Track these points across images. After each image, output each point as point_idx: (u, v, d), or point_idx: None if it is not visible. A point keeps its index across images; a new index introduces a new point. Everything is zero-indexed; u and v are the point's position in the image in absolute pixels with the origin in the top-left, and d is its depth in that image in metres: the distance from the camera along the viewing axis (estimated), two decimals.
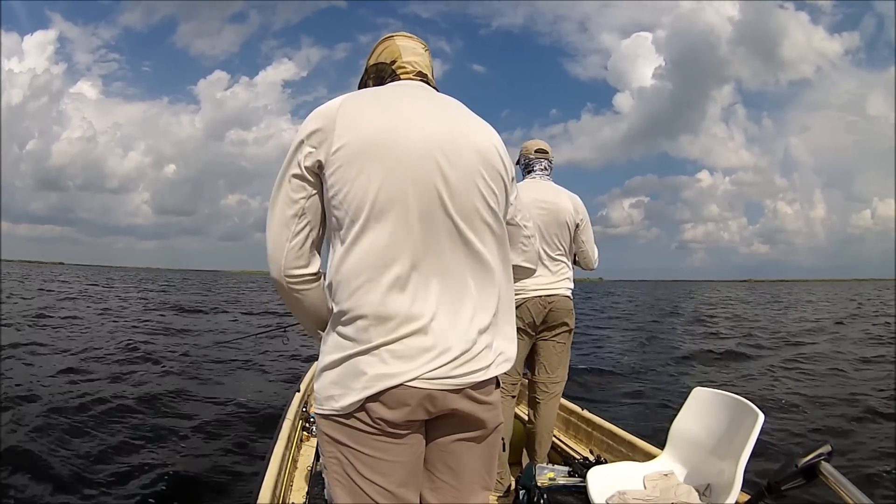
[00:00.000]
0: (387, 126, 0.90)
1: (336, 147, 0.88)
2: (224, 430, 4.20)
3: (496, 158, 0.97)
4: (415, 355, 0.86)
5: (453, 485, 0.97)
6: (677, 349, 9.80)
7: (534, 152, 2.33)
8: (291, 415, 2.43)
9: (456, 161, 0.91)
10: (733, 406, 1.66)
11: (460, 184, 0.91)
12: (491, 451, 1.00)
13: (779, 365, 7.98)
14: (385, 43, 1.08)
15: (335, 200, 0.89)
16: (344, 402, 0.87)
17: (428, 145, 0.90)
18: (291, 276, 0.95)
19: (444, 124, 0.94)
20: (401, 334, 0.86)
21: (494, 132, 1.01)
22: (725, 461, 1.53)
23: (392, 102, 0.95)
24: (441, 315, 0.88)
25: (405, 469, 0.92)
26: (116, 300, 19.26)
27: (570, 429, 2.73)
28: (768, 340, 11.03)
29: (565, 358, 2.34)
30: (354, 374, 0.87)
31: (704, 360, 8.48)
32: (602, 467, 1.88)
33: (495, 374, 0.95)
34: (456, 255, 0.91)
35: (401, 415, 0.87)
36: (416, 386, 0.86)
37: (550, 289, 2.23)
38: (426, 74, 1.06)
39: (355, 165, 0.87)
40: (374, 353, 0.86)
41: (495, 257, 0.96)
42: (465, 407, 0.91)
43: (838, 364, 7.92)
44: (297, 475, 2.11)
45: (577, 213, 2.30)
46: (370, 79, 1.08)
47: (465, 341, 0.89)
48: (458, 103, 1.02)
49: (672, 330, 14.09)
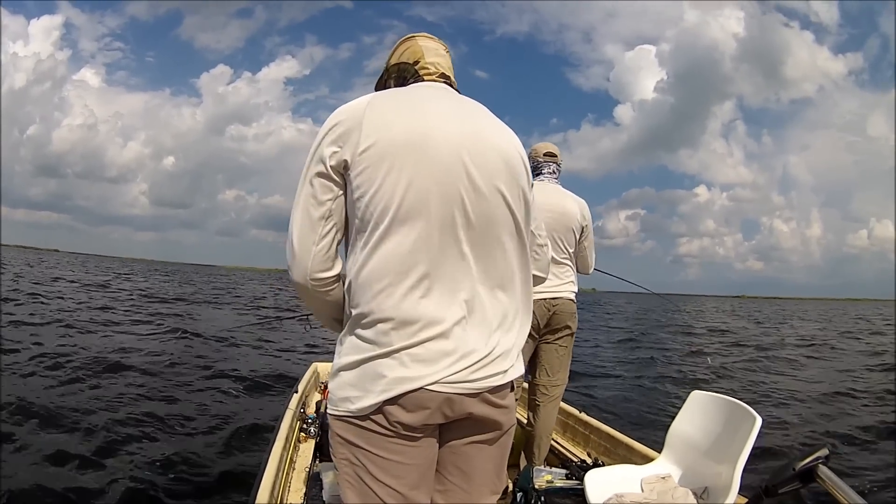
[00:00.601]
0: (414, 128, 0.89)
1: (363, 147, 0.86)
2: (221, 431, 4.18)
3: (518, 162, 0.97)
4: (436, 359, 0.85)
5: (463, 487, 0.96)
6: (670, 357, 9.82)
7: (543, 155, 2.33)
8: (289, 415, 2.43)
9: (481, 164, 0.90)
10: (731, 409, 1.66)
11: (485, 188, 0.90)
12: (502, 454, 1.00)
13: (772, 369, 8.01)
14: (407, 43, 1.07)
15: (360, 202, 0.87)
16: (361, 403, 0.86)
17: (454, 148, 0.89)
18: (317, 280, 0.93)
19: (469, 127, 0.93)
20: (422, 338, 0.85)
21: (515, 136, 1.01)
22: (723, 464, 1.54)
23: (418, 104, 0.94)
24: (463, 320, 0.88)
25: (418, 472, 0.91)
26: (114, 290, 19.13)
27: (567, 432, 2.73)
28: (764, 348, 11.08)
29: (566, 361, 2.35)
30: (373, 377, 0.86)
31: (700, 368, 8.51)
32: (599, 470, 1.88)
33: (512, 378, 0.94)
34: (479, 260, 0.90)
35: (419, 418, 0.87)
36: (435, 390, 0.85)
37: (555, 292, 2.24)
38: (448, 76, 1.05)
39: (383, 166, 0.86)
40: (394, 357, 0.85)
41: (517, 262, 0.96)
42: (481, 411, 0.91)
43: (838, 369, 7.96)
44: (294, 476, 2.10)
45: (584, 218, 2.32)
46: (391, 78, 1.06)
47: (485, 345, 0.89)
48: (480, 106, 1.01)
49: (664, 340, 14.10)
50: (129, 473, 3.21)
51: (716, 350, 10.76)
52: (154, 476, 3.20)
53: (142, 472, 3.24)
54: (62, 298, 13.91)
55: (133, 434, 3.94)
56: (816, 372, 7.97)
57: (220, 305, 17.67)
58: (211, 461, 3.55)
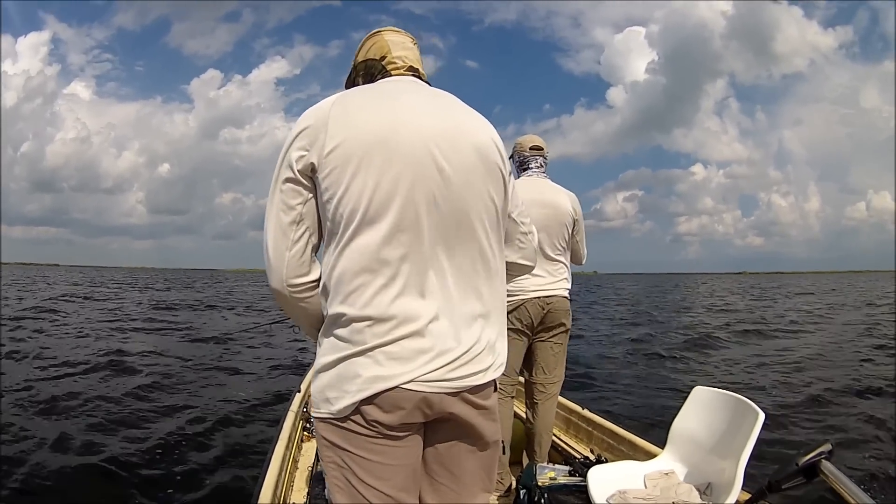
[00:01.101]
0: (381, 124, 0.87)
1: (329, 148, 0.86)
2: (225, 430, 4.21)
3: (494, 153, 0.95)
4: (411, 357, 0.84)
5: (453, 487, 0.95)
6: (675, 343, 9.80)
7: (529, 149, 2.30)
8: (292, 415, 2.43)
9: (453, 157, 0.89)
10: (734, 405, 1.66)
11: (458, 181, 0.89)
12: (490, 454, 0.98)
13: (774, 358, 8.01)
14: (373, 38, 1.06)
15: (330, 203, 0.87)
16: (339, 405, 0.85)
17: (424, 142, 0.87)
18: (293, 286, 0.92)
19: (440, 120, 0.91)
20: (397, 336, 0.84)
21: (490, 126, 0.99)
22: (726, 460, 1.53)
23: (385, 100, 0.92)
24: (440, 316, 0.86)
25: (403, 472, 0.90)
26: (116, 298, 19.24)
27: (570, 428, 2.73)
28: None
29: (562, 358, 2.34)
30: (349, 377, 0.85)
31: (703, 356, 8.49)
32: (603, 466, 1.88)
33: (493, 377, 0.93)
34: (455, 254, 0.89)
35: (396, 418, 0.85)
36: (411, 388, 0.84)
37: (549, 289, 2.22)
38: (417, 69, 1.03)
39: (350, 166, 0.85)
40: (369, 355, 0.84)
41: (495, 256, 0.94)
42: (462, 410, 0.89)
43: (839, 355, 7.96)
44: (297, 475, 2.11)
45: (576, 212, 2.30)
46: (359, 76, 1.05)
47: (464, 343, 0.88)
48: (452, 97, 1.00)
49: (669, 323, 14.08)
50: (129, 473, 3.23)
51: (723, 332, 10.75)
52: (157, 475, 3.22)
53: (143, 472, 3.26)
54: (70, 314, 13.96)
55: (134, 435, 3.96)
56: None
57: (221, 309, 17.73)
58: (214, 461, 3.57)
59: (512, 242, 1.06)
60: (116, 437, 3.90)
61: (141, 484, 3.11)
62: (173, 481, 3.17)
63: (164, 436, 3.98)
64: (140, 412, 4.57)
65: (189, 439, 3.95)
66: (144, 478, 3.19)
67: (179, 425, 4.26)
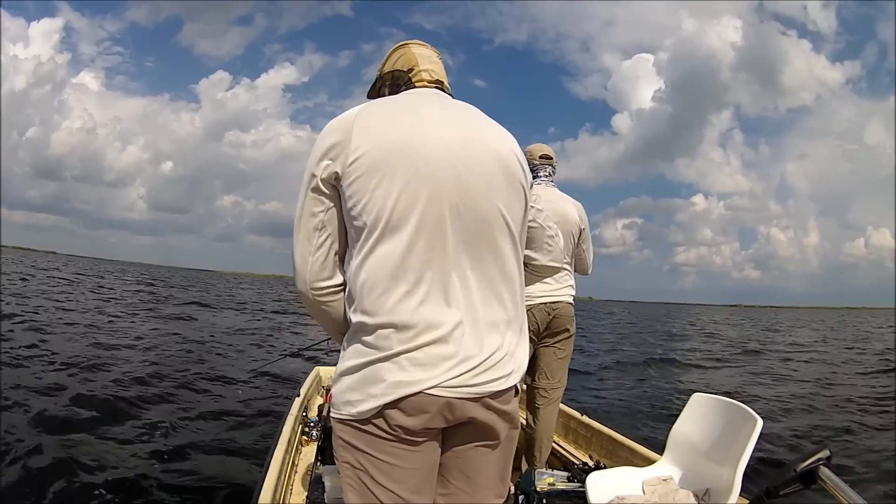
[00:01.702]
0: (405, 135, 0.89)
1: (353, 158, 0.88)
2: (223, 433, 4.19)
3: (515, 164, 0.97)
4: (435, 363, 0.86)
5: (467, 492, 0.96)
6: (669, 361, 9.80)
7: (539, 158, 2.30)
8: (291, 418, 2.43)
9: (475, 168, 0.91)
10: (732, 411, 1.66)
11: (479, 191, 0.91)
12: (506, 458, 0.99)
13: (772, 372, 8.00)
14: (400, 51, 1.08)
15: (354, 211, 0.89)
16: (362, 407, 0.87)
17: (446, 153, 0.89)
18: (316, 289, 0.96)
19: (463, 131, 0.93)
20: (421, 342, 0.86)
21: (512, 138, 1.01)
22: (724, 466, 1.54)
23: (409, 111, 0.95)
24: (463, 323, 0.88)
25: (419, 476, 0.91)
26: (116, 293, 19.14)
27: (569, 434, 2.73)
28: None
29: (566, 364, 2.36)
30: (374, 381, 0.87)
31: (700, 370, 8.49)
32: (601, 472, 1.88)
33: (515, 382, 0.94)
34: (477, 262, 0.91)
35: (419, 422, 0.87)
36: (435, 394, 0.86)
37: (555, 296, 2.24)
38: (442, 82, 1.06)
39: (374, 176, 0.87)
40: (393, 361, 0.86)
41: (512, 264, 0.96)
42: (483, 415, 0.91)
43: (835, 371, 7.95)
44: (296, 478, 2.11)
45: (582, 221, 2.32)
46: (385, 86, 1.08)
47: (486, 350, 0.89)
48: (474, 109, 1.02)
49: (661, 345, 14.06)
50: (129, 475, 3.21)
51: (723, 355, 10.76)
52: (156, 478, 3.20)
53: (143, 474, 3.24)
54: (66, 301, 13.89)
55: (134, 435, 3.94)
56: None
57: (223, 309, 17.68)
58: (213, 464, 3.55)
59: (541, 246, 1.09)
60: (115, 437, 3.88)
61: (139, 486, 3.09)
62: (171, 483, 3.15)
63: (163, 437, 3.96)
64: (137, 413, 4.55)
65: (187, 441, 3.93)
66: (142, 480, 3.17)
67: (178, 427, 4.24)
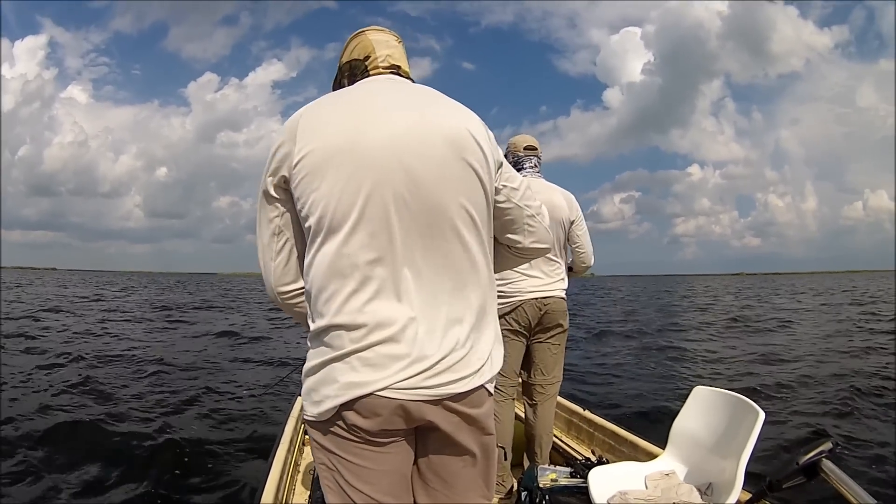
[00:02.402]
0: (347, 129, 0.87)
1: (297, 159, 0.87)
2: (226, 432, 4.20)
3: (471, 144, 0.90)
4: (385, 364, 0.82)
5: (447, 495, 0.93)
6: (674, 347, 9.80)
7: (523, 149, 2.28)
8: (294, 417, 2.43)
9: (423, 154, 0.86)
10: (734, 405, 1.66)
11: (429, 178, 0.86)
12: (486, 461, 0.95)
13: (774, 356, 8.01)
14: (357, 39, 1.05)
15: (302, 213, 0.88)
16: (321, 408, 0.86)
17: (392, 142, 0.86)
18: (282, 293, 0.97)
19: (411, 116, 0.89)
20: (371, 342, 0.83)
21: (471, 115, 0.95)
22: (727, 460, 1.54)
23: (355, 103, 0.92)
24: (417, 321, 0.84)
25: (389, 478, 0.89)
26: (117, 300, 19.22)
27: (571, 429, 2.73)
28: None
29: (560, 359, 2.34)
30: (328, 381, 0.85)
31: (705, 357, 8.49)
32: (603, 468, 1.88)
33: (480, 382, 0.88)
34: (432, 255, 0.86)
35: (374, 424, 0.84)
36: (386, 396, 0.82)
37: (546, 290, 2.21)
38: (399, 66, 1.03)
39: (317, 175, 0.85)
40: (345, 361, 0.84)
41: (475, 252, 0.90)
42: (444, 419, 0.87)
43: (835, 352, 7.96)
44: (299, 478, 2.11)
45: (571, 211, 2.28)
46: (344, 77, 1.05)
47: (443, 349, 0.85)
48: (430, 91, 0.98)
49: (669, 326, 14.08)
50: (131, 474, 3.22)
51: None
52: (158, 477, 3.21)
53: (145, 474, 3.25)
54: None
55: (134, 434, 3.95)
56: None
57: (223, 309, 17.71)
58: (216, 463, 3.56)
59: (521, 228, 1.04)
60: (117, 436, 3.89)
61: (141, 484, 3.10)
62: (174, 482, 3.16)
63: (165, 436, 3.97)
64: (140, 412, 4.56)
65: (190, 441, 3.94)
66: (145, 478, 3.18)
67: (180, 426, 4.26)
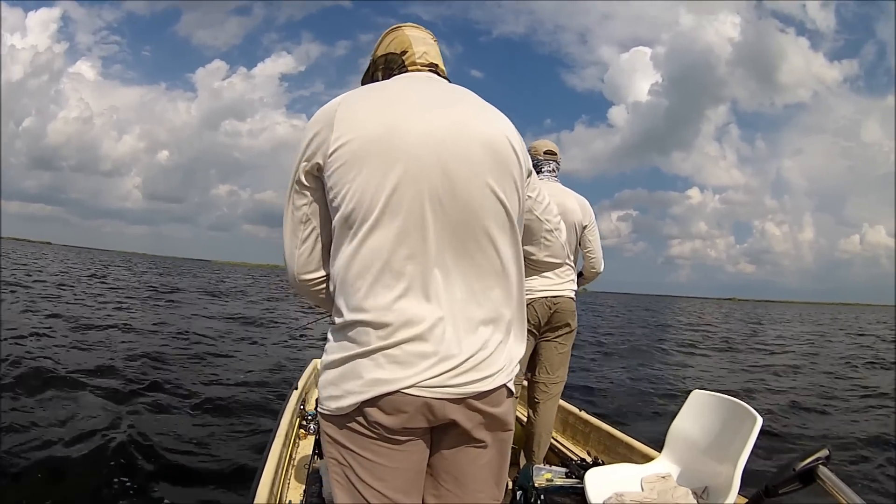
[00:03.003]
0: (386, 123, 0.86)
1: (333, 148, 0.85)
2: (221, 427, 4.19)
3: (507, 150, 0.91)
4: (413, 362, 0.82)
5: (457, 494, 0.92)
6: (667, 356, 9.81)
7: (543, 153, 2.33)
8: (289, 412, 2.43)
9: (461, 155, 0.86)
10: (731, 409, 1.66)
11: (465, 180, 0.86)
12: (500, 462, 0.95)
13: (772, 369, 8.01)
14: (394, 33, 1.05)
15: (334, 203, 0.87)
16: (341, 403, 0.85)
17: (430, 140, 0.85)
18: (304, 280, 0.96)
19: (450, 117, 0.89)
20: (398, 339, 0.83)
21: (507, 122, 0.95)
22: (723, 464, 1.53)
23: (394, 97, 0.91)
24: (444, 320, 0.84)
25: (404, 476, 0.89)
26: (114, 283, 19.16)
27: (567, 430, 2.73)
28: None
29: (566, 358, 2.36)
30: (352, 377, 0.84)
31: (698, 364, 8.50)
32: (599, 469, 1.88)
33: (504, 381, 0.89)
34: (463, 256, 0.86)
35: (398, 421, 0.84)
36: (412, 394, 0.82)
37: (556, 290, 2.25)
38: (437, 64, 1.02)
39: (353, 166, 0.84)
40: (371, 357, 0.83)
41: (506, 257, 0.90)
42: (466, 417, 0.87)
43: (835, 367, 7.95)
44: (294, 473, 2.11)
45: (585, 216, 2.33)
46: (378, 70, 1.04)
47: (468, 349, 0.85)
48: (468, 93, 0.97)
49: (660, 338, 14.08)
50: (126, 470, 3.21)
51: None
52: (153, 473, 3.20)
53: (137, 467, 3.25)
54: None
55: (129, 428, 3.94)
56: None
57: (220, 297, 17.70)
58: (210, 458, 3.55)
59: (538, 241, 1.04)
60: (111, 430, 3.88)
61: (135, 479, 3.10)
62: (168, 477, 3.15)
63: (159, 430, 3.96)
64: (134, 405, 4.55)
65: (184, 435, 3.94)
66: (138, 472, 3.18)
67: (175, 420, 4.25)
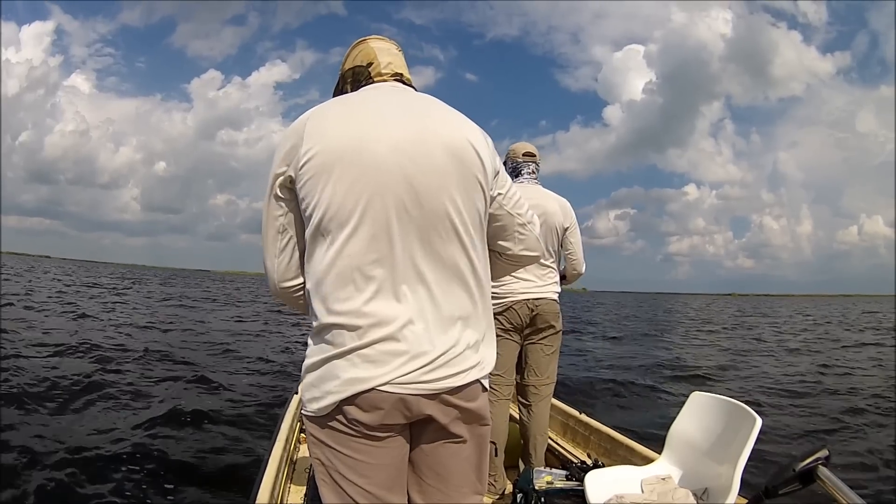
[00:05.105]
0: (352, 134, 0.91)
1: (303, 161, 0.90)
2: (222, 431, 4.19)
3: (470, 154, 0.95)
4: (386, 360, 0.87)
5: (440, 488, 0.96)
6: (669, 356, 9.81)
7: (521, 156, 2.32)
8: (290, 415, 2.43)
9: (424, 162, 0.91)
10: (731, 410, 1.66)
11: (429, 186, 0.90)
12: (479, 456, 0.99)
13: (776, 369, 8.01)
14: (359, 46, 1.09)
15: (306, 213, 0.92)
16: (321, 404, 0.89)
17: (394, 149, 0.90)
18: (284, 289, 1.00)
19: (413, 125, 0.93)
20: (371, 339, 0.87)
21: (471, 125, 0.99)
22: (723, 465, 1.54)
23: (359, 108, 0.96)
24: (415, 320, 0.89)
25: (386, 472, 0.92)
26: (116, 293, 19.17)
27: (567, 433, 2.73)
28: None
29: (554, 360, 2.35)
30: (330, 378, 0.89)
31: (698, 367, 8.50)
32: (600, 471, 1.88)
33: (476, 377, 0.93)
34: (429, 258, 0.91)
35: (375, 418, 0.88)
36: (387, 391, 0.87)
37: (537, 292, 2.24)
38: (402, 74, 1.07)
39: (322, 177, 0.89)
40: (347, 358, 0.88)
41: (473, 257, 0.95)
42: (441, 412, 0.91)
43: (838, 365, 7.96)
44: (295, 476, 2.11)
45: (566, 217, 2.31)
46: (347, 83, 1.09)
47: (440, 346, 0.89)
48: (431, 100, 1.02)
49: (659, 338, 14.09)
50: (126, 471, 3.21)
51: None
52: (154, 475, 3.20)
53: (138, 470, 3.25)
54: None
55: (129, 432, 3.94)
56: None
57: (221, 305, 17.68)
58: (211, 461, 3.55)
59: (511, 235, 1.08)
60: (112, 433, 3.88)
61: (137, 482, 3.09)
62: (169, 480, 3.15)
63: (160, 434, 3.96)
64: (135, 408, 4.55)
65: (186, 439, 3.93)
66: (139, 476, 3.18)
67: (176, 424, 4.24)
